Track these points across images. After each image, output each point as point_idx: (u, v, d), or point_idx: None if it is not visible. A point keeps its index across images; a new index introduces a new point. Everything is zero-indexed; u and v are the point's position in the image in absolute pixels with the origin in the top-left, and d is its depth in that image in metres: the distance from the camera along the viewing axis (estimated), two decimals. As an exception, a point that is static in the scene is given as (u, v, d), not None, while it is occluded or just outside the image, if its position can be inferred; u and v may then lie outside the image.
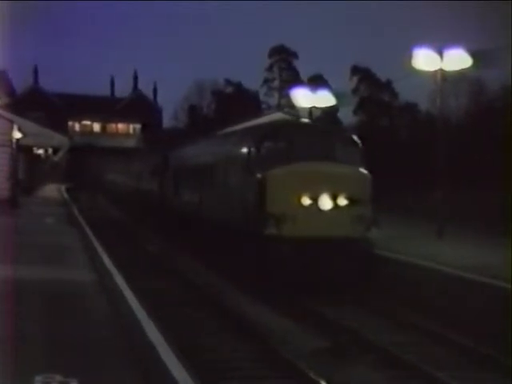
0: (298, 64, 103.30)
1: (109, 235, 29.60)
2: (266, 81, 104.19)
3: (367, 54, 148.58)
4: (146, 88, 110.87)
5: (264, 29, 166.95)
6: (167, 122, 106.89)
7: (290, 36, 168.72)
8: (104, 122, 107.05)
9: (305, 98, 40.44)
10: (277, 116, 53.17)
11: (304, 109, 42.72)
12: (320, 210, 18.71)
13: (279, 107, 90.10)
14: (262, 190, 18.89)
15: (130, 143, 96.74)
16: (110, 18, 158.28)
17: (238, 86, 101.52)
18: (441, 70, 27.47)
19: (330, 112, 72.75)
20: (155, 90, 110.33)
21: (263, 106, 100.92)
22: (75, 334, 11.39)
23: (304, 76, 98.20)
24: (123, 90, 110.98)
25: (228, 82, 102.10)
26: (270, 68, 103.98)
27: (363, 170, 19.76)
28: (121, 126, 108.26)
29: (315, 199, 18.71)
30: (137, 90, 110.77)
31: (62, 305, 13.74)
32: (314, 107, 40.91)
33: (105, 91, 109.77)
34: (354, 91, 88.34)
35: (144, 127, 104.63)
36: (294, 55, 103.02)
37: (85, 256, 20.72)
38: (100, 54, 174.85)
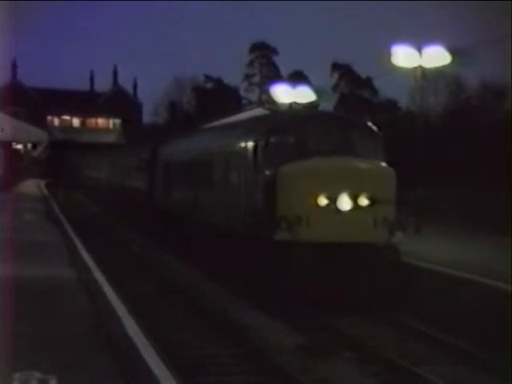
0: (279, 60, 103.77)
1: (90, 233, 29.23)
2: (247, 76, 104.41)
3: (348, 50, 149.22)
4: (125, 83, 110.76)
5: (245, 25, 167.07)
6: (147, 117, 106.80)
7: (270, 32, 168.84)
8: (84, 117, 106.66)
9: (285, 93, 40.66)
10: (257, 111, 53.18)
11: (284, 104, 42.90)
12: (338, 212, 16.32)
13: (260, 103, 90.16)
14: (271, 189, 16.60)
15: (110, 138, 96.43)
16: (89, 13, 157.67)
17: (219, 82, 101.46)
18: (420, 66, 27.61)
19: (309, 108, 72.85)
20: (135, 86, 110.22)
21: (244, 101, 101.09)
22: (49, 332, 11.31)
23: (284, 72, 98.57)
24: (103, 85, 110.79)
25: (208, 77, 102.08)
26: (250, 64, 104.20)
27: (387, 166, 17.56)
28: (101, 121, 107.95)
29: (333, 199, 16.32)
30: (117, 86, 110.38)
31: (37, 302, 13.66)
32: (295, 103, 41.03)
33: (84, 86, 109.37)
34: (335, 87, 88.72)
35: (124, 122, 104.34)
36: (275, 51, 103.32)
37: (64, 253, 20.59)
38: (80, 48, 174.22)
